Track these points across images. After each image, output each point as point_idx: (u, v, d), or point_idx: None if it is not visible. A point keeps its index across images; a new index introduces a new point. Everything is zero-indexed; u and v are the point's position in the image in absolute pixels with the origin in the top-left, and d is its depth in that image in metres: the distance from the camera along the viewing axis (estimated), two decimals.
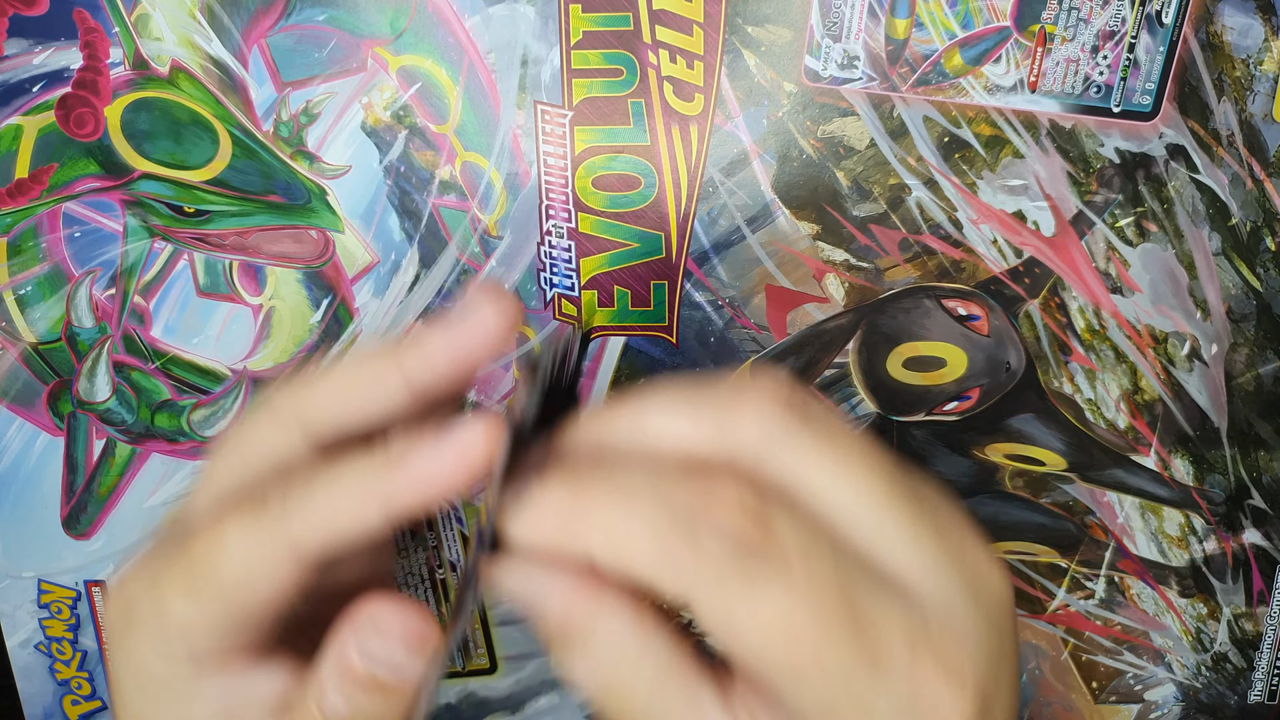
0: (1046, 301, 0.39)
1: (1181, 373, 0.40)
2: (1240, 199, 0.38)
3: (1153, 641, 0.44)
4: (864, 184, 0.38)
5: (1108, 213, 0.38)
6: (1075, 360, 0.40)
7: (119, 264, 0.38)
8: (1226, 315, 0.39)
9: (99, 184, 0.37)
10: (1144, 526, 0.42)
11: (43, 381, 0.40)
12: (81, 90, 0.36)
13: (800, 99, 0.37)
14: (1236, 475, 0.41)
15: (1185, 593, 0.43)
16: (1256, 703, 0.44)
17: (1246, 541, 0.42)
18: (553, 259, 0.39)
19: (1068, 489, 0.42)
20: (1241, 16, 0.36)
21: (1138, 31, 0.36)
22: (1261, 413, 0.40)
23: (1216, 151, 0.37)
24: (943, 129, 0.37)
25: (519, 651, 0.44)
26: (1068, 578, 0.43)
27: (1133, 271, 0.39)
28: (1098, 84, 0.36)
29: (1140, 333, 0.40)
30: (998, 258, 0.39)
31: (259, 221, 0.38)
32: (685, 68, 0.36)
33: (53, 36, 0.35)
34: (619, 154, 0.37)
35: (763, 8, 0.35)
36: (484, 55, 0.36)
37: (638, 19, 0.35)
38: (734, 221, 0.38)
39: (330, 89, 0.36)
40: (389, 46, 0.36)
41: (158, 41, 0.35)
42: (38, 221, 0.38)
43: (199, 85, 0.36)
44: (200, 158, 0.37)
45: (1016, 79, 0.36)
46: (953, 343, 0.40)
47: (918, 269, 0.39)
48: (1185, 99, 0.37)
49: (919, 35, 0.36)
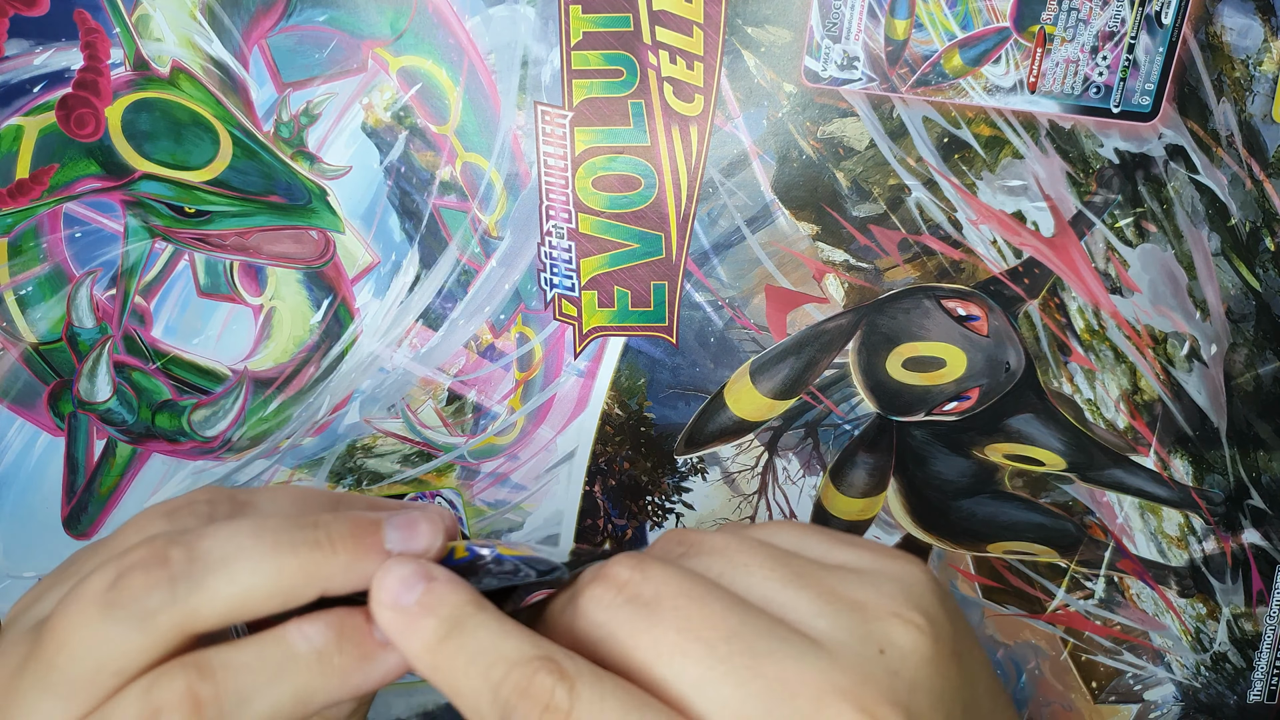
0: (1046, 302, 0.39)
1: (1181, 373, 0.40)
2: (1239, 199, 0.38)
3: (1152, 641, 0.44)
4: (863, 184, 0.38)
5: (1107, 213, 0.38)
6: (1075, 360, 0.40)
7: (120, 264, 0.38)
8: (1226, 315, 0.39)
9: (100, 184, 0.37)
10: (1143, 526, 0.42)
11: (43, 382, 0.40)
12: (82, 91, 0.36)
13: (800, 100, 0.37)
14: (1236, 475, 0.41)
15: (1184, 593, 0.43)
16: (1256, 702, 0.44)
17: (1246, 541, 0.42)
18: (553, 259, 0.39)
19: (1067, 489, 0.42)
20: (1241, 17, 0.36)
21: (1137, 32, 0.36)
22: (1261, 413, 0.40)
23: (1216, 152, 0.37)
24: (942, 129, 0.37)
25: None
26: (1067, 578, 0.43)
27: (1132, 272, 0.39)
28: (1097, 84, 0.36)
29: (1139, 333, 0.40)
30: (997, 258, 0.39)
31: (259, 222, 0.38)
32: (685, 68, 0.36)
33: (53, 37, 0.35)
34: (619, 155, 0.37)
35: (763, 9, 0.36)
36: (484, 56, 0.36)
37: (638, 20, 0.35)
38: (734, 222, 0.38)
39: (331, 90, 0.36)
40: (389, 47, 0.36)
41: (158, 42, 0.36)
42: (38, 222, 0.38)
43: (199, 86, 0.36)
44: (201, 158, 0.37)
45: (1016, 80, 0.36)
46: (952, 343, 0.40)
47: (917, 269, 0.39)
48: (1184, 99, 0.37)
49: (918, 36, 0.36)
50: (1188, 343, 0.40)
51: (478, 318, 0.40)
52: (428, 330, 0.40)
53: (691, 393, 0.41)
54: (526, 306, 0.40)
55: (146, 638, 0.21)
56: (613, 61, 0.36)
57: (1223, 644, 0.43)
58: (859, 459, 0.42)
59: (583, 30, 0.35)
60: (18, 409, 0.40)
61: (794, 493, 0.42)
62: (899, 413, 0.41)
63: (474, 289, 0.40)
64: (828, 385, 0.41)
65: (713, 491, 0.42)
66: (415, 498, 0.42)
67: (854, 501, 0.42)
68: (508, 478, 0.42)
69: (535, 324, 0.40)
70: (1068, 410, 0.41)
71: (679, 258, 0.39)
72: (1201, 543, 0.42)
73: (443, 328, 0.40)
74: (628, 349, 0.40)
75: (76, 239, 0.38)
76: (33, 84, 0.36)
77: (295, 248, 0.38)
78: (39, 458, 0.40)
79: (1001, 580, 0.43)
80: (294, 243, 0.38)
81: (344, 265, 0.39)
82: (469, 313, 0.40)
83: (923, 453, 0.42)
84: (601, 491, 0.42)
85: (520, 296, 0.40)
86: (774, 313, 0.40)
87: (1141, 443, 0.41)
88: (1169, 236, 0.38)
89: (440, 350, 0.40)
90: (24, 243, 0.38)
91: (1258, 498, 0.41)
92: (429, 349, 0.40)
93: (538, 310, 0.40)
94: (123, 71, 0.36)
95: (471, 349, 0.40)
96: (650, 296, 0.39)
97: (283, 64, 0.36)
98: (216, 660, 0.21)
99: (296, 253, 0.38)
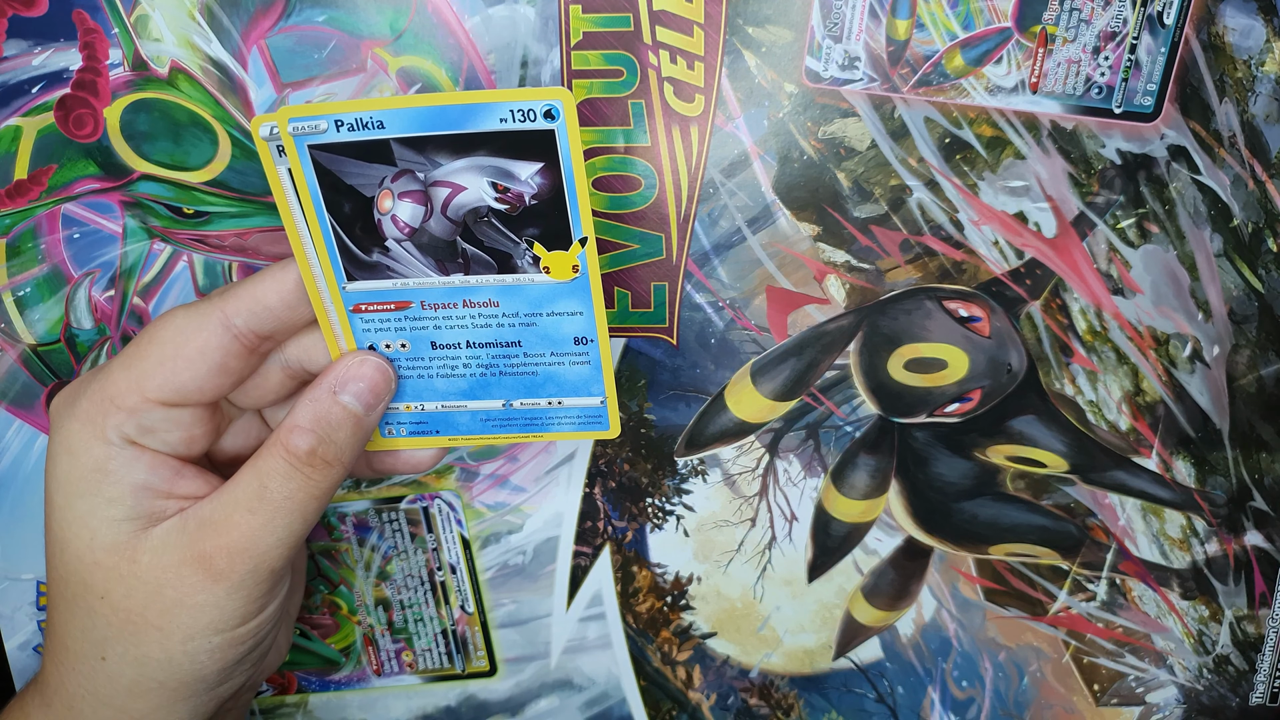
0: (1048, 303, 0.39)
1: (1183, 374, 0.40)
2: (1242, 200, 0.38)
3: (1154, 644, 0.44)
4: (865, 185, 0.38)
5: (1109, 214, 0.38)
6: (1077, 362, 0.40)
7: (118, 265, 0.38)
8: (1228, 317, 0.39)
9: (98, 185, 0.37)
10: (1146, 528, 0.42)
11: (41, 383, 0.40)
12: (81, 91, 0.36)
13: (801, 100, 0.37)
14: (1238, 477, 0.41)
15: (1187, 595, 0.43)
16: (1258, 705, 0.44)
17: (1248, 543, 0.42)
18: None
19: (1069, 491, 0.42)
20: (1243, 17, 0.36)
21: (1139, 32, 0.36)
22: (1263, 414, 0.40)
23: (1218, 152, 0.37)
24: (944, 130, 0.37)
25: (519, 654, 0.44)
26: (1069, 580, 0.43)
27: (1134, 273, 0.39)
28: (1099, 85, 0.36)
29: (1142, 334, 0.40)
30: (999, 259, 0.39)
31: (258, 222, 0.38)
32: (686, 68, 0.36)
33: (52, 37, 0.35)
34: (619, 155, 0.37)
35: (763, 8, 0.35)
36: (484, 56, 0.36)
37: (638, 20, 0.35)
38: (734, 222, 0.38)
39: (330, 90, 0.36)
40: (389, 47, 0.36)
41: (157, 42, 0.35)
42: (37, 223, 0.37)
43: (198, 86, 0.36)
44: (199, 159, 0.37)
45: (1018, 80, 0.36)
46: (954, 344, 0.40)
47: (919, 270, 0.39)
48: (1187, 100, 0.37)
49: (920, 36, 0.36)
50: (1190, 344, 0.40)
51: None
52: None
53: (692, 394, 0.41)
54: None
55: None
56: (613, 61, 0.36)
57: (1225, 646, 0.43)
58: (860, 460, 0.42)
59: (583, 30, 0.35)
60: (16, 410, 0.40)
61: (795, 495, 0.42)
62: (900, 414, 0.41)
63: None
64: (829, 386, 0.41)
65: (713, 493, 0.42)
66: (414, 499, 0.42)
67: (855, 503, 0.42)
68: (507, 479, 0.42)
69: None
70: (1070, 412, 0.41)
71: (679, 258, 0.39)
72: (1204, 545, 0.42)
73: None
74: (628, 350, 0.40)
75: (75, 240, 0.38)
76: (31, 84, 0.36)
77: None
78: (37, 459, 0.40)
79: (1003, 582, 0.43)
80: None
81: None
82: None
83: (924, 454, 0.42)
84: (601, 493, 0.42)
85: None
86: (775, 314, 0.40)
87: (1144, 444, 0.41)
88: (1171, 237, 0.38)
89: None
90: (22, 243, 0.38)
91: (1260, 499, 0.41)
92: None
93: None
94: (121, 72, 0.36)
95: None
96: (650, 297, 0.39)
97: (282, 64, 0.36)
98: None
99: None
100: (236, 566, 0.31)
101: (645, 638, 0.44)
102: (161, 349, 0.31)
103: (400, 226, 0.31)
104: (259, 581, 0.31)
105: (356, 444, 0.32)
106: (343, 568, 0.43)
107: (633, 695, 0.45)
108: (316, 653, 0.44)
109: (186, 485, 0.32)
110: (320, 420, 0.31)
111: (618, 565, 0.43)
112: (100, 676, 0.32)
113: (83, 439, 0.31)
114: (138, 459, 0.31)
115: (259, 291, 0.31)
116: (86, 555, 0.31)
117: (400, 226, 0.31)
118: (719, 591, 0.44)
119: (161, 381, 0.31)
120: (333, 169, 0.30)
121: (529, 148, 0.29)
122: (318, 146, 0.29)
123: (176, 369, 0.31)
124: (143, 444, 0.31)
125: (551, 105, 0.29)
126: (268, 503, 0.31)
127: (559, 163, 0.30)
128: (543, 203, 0.30)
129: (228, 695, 0.34)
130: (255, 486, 0.31)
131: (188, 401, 0.31)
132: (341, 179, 0.30)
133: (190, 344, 0.31)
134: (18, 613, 0.43)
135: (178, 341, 0.31)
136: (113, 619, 0.31)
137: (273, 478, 0.31)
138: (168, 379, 0.31)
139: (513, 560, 0.43)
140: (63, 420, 0.31)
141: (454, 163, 0.30)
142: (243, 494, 0.31)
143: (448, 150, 0.29)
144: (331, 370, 0.32)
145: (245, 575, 0.31)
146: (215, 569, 0.31)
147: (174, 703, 0.32)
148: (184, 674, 0.32)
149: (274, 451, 0.31)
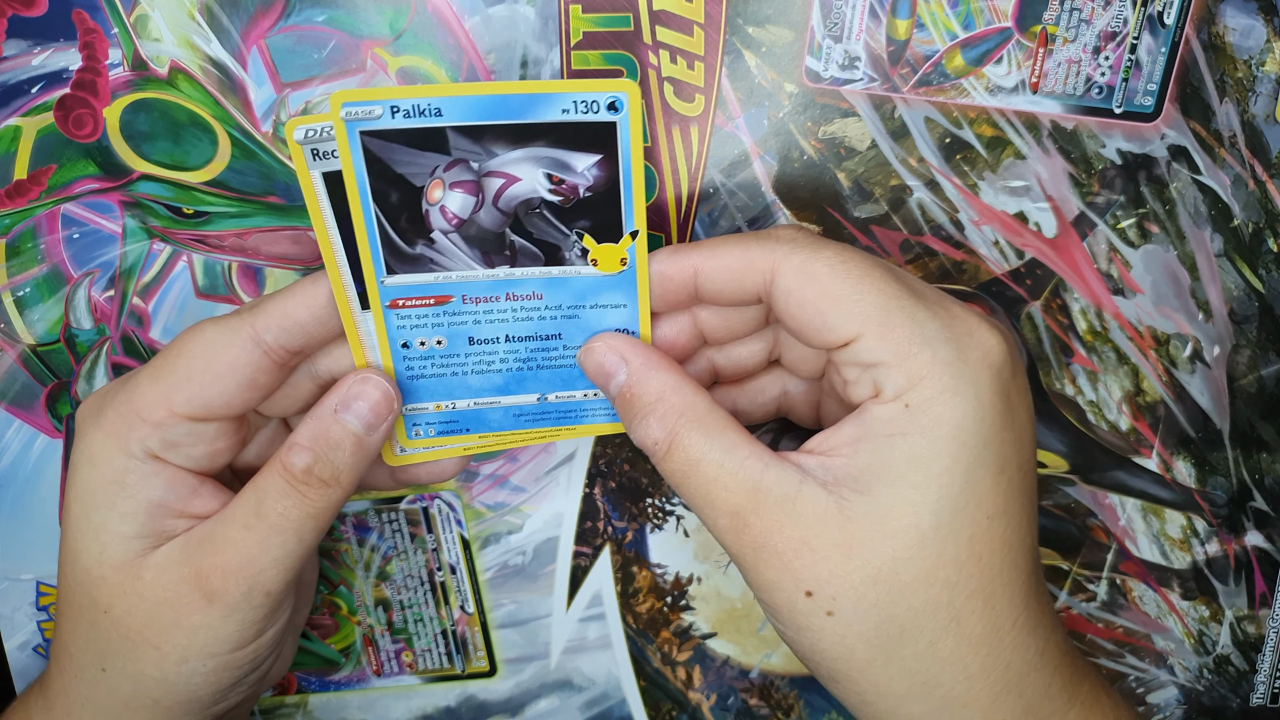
0: (1048, 303, 0.39)
1: (1183, 374, 0.40)
2: (1242, 200, 0.38)
3: (1155, 644, 0.44)
4: (865, 185, 0.38)
5: (1109, 214, 0.38)
6: (1077, 362, 0.40)
7: (118, 265, 0.38)
8: (1229, 317, 0.39)
9: (98, 185, 0.37)
10: (1146, 529, 0.42)
11: (41, 383, 0.40)
12: (80, 91, 0.36)
13: (801, 100, 0.37)
14: (1239, 477, 0.41)
15: (1187, 595, 0.43)
16: (1259, 705, 0.44)
17: (1249, 544, 0.42)
18: None
19: (1069, 491, 0.42)
20: (1243, 17, 0.36)
21: (1139, 32, 0.36)
22: (1264, 414, 0.40)
23: (1219, 152, 0.37)
24: (944, 130, 0.37)
25: (519, 655, 0.44)
26: (1069, 580, 0.43)
27: (1134, 273, 0.39)
28: (1099, 85, 0.36)
29: (1142, 334, 0.40)
30: (999, 259, 0.39)
31: (258, 223, 0.38)
32: (686, 68, 0.36)
33: (52, 37, 0.35)
34: None
35: (763, 8, 0.35)
36: (484, 56, 0.36)
37: (638, 19, 0.35)
38: (735, 222, 0.38)
39: (330, 90, 0.36)
40: (388, 47, 0.36)
41: (157, 42, 0.35)
42: (36, 223, 0.37)
43: (198, 86, 0.36)
44: (199, 159, 0.37)
45: (1018, 80, 0.36)
46: None
47: (919, 270, 0.39)
48: (1187, 100, 0.37)
49: (920, 36, 0.36)
50: (1190, 344, 0.40)
51: None
52: None
53: None
54: None
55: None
56: (613, 61, 0.36)
57: (1225, 647, 0.43)
58: None
59: (583, 30, 0.35)
60: (15, 410, 0.40)
61: None
62: None
63: None
64: None
65: None
66: (414, 500, 0.42)
67: None
68: (507, 479, 0.42)
69: None
70: (1070, 412, 0.41)
71: None
72: (1204, 545, 0.42)
73: None
74: None
75: (74, 240, 0.38)
76: (31, 84, 0.36)
77: (294, 248, 0.38)
78: (37, 459, 0.40)
79: None
80: (293, 243, 0.38)
81: None
82: None
83: None
84: (601, 493, 0.42)
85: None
86: None
87: (1144, 444, 0.41)
88: (1171, 237, 0.38)
89: None
90: (22, 244, 0.38)
91: (1260, 500, 0.41)
92: None
93: None
94: (121, 72, 0.36)
95: None
96: None
97: (281, 64, 0.36)
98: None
99: (295, 253, 0.38)
100: (231, 587, 0.30)
101: (645, 638, 0.44)
102: (190, 363, 0.30)
103: (449, 217, 0.30)
104: (254, 606, 0.31)
105: (356, 465, 0.32)
106: (342, 568, 0.43)
107: (633, 695, 0.45)
108: (316, 653, 0.44)
109: (201, 504, 0.32)
110: (319, 438, 0.31)
111: (618, 565, 0.43)
112: (100, 687, 0.32)
113: (105, 450, 0.31)
114: (157, 474, 0.31)
115: (290, 307, 0.31)
116: (94, 569, 0.31)
117: (449, 217, 0.30)
118: (719, 592, 0.44)
119: (189, 396, 0.30)
120: (383, 156, 0.29)
121: (588, 139, 0.29)
122: (370, 133, 0.29)
123: (205, 384, 0.30)
124: (165, 459, 0.31)
125: (617, 97, 0.29)
126: (263, 519, 0.30)
127: (616, 155, 0.30)
128: (595, 195, 0.30)
129: (224, 712, 0.34)
130: (252, 502, 0.31)
131: (214, 416, 0.31)
132: (391, 167, 0.29)
133: (220, 359, 0.30)
134: (18, 613, 0.42)
135: (207, 356, 0.30)
136: (114, 634, 0.31)
137: (269, 494, 0.31)
138: (195, 394, 0.30)
139: (513, 560, 0.43)
140: (87, 429, 0.31)
141: (510, 153, 0.29)
142: (240, 510, 0.31)
143: (505, 140, 0.29)
144: (335, 388, 0.32)
145: (240, 598, 0.30)
146: (210, 588, 0.30)
147: (169, 719, 0.32)
148: (178, 694, 0.32)
149: (273, 468, 0.31)
